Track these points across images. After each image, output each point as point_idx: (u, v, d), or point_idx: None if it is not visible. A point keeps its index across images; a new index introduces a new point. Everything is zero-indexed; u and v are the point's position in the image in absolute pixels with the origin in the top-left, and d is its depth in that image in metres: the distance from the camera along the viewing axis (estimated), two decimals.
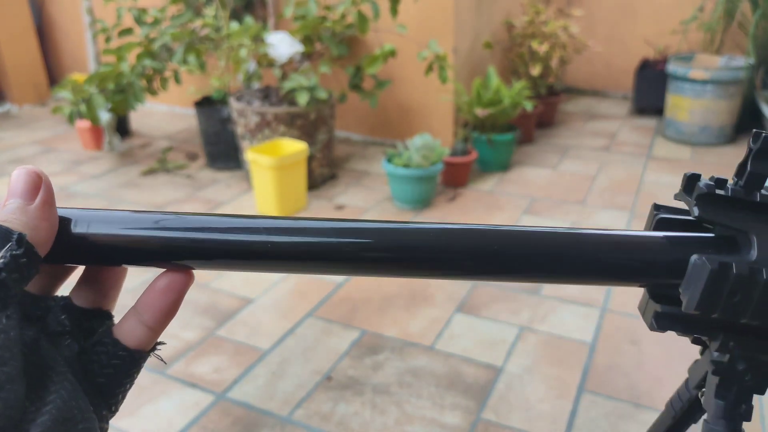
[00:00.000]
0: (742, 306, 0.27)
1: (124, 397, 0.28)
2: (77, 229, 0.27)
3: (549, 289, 1.82)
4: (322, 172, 2.67)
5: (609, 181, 2.68)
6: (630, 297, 1.78)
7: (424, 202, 2.41)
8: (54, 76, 4.36)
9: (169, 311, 0.27)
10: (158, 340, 0.28)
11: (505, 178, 2.73)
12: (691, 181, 0.30)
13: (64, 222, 0.27)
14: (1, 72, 3.96)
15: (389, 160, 2.43)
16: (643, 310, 0.32)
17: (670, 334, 1.61)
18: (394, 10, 2.48)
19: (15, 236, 0.23)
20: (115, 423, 1.34)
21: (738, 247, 0.28)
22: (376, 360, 1.53)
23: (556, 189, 2.60)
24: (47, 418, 0.22)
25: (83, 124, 3.07)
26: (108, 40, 2.81)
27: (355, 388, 1.44)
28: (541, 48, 3.08)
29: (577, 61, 3.87)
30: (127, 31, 2.73)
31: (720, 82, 3.01)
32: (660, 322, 0.31)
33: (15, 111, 3.95)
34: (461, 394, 1.41)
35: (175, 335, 1.64)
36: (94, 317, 0.28)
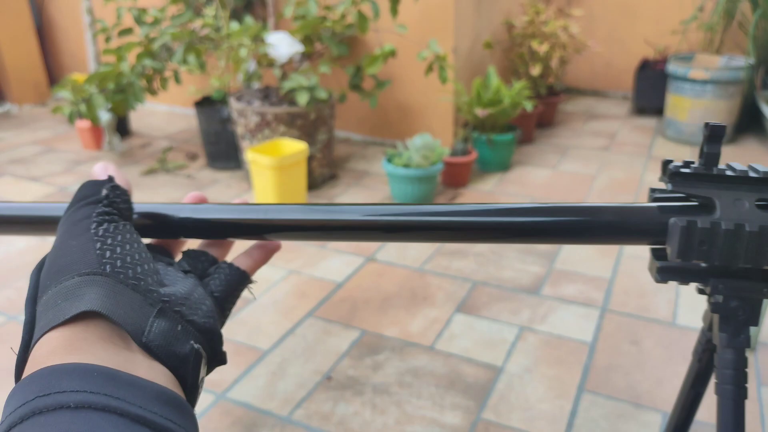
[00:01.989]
0: (711, 252, 0.35)
1: (230, 311, 0.41)
2: (180, 214, 0.41)
3: (549, 289, 1.82)
4: (322, 172, 2.68)
5: (609, 181, 2.68)
6: (630, 297, 1.78)
7: (424, 202, 2.41)
8: (54, 76, 4.36)
9: (268, 254, 0.44)
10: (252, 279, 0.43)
11: (505, 178, 2.73)
12: (665, 165, 0.38)
13: (170, 210, 0.41)
14: (1, 72, 3.96)
15: (389, 160, 2.43)
16: (650, 268, 0.40)
17: (671, 335, 1.60)
18: (394, 10, 2.48)
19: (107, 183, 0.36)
20: None
21: (707, 209, 0.36)
22: (376, 360, 1.53)
23: (556, 189, 2.60)
24: (183, 287, 0.35)
25: (83, 124, 3.07)
26: (108, 40, 2.81)
27: (355, 388, 1.44)
28: (541, 48, 3.08)
29: (577, 61, 3.87)
30: (127, 31, 2.73)
31: (720, 82, 3.01)
32: (662, 275, 0.38)
33: (15, 111, 3.95)
34: (461, 394, 1.41)
35: None
36: (210, 262, 0.43)
